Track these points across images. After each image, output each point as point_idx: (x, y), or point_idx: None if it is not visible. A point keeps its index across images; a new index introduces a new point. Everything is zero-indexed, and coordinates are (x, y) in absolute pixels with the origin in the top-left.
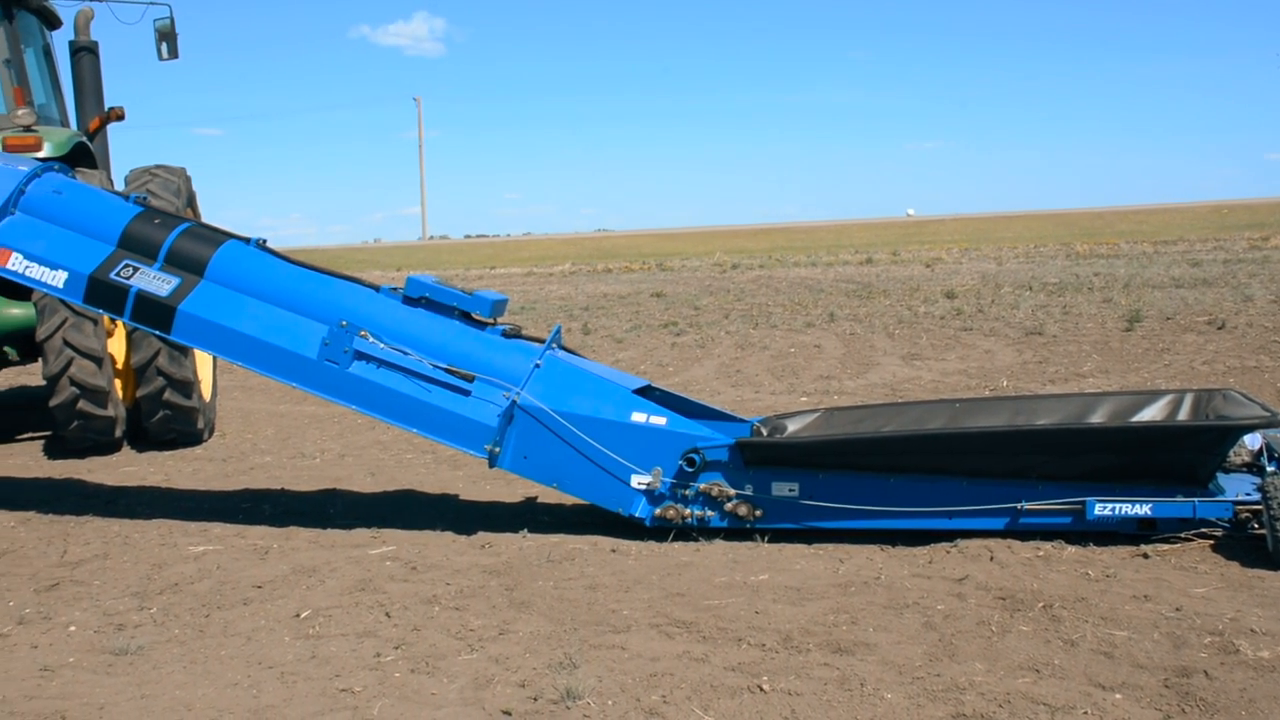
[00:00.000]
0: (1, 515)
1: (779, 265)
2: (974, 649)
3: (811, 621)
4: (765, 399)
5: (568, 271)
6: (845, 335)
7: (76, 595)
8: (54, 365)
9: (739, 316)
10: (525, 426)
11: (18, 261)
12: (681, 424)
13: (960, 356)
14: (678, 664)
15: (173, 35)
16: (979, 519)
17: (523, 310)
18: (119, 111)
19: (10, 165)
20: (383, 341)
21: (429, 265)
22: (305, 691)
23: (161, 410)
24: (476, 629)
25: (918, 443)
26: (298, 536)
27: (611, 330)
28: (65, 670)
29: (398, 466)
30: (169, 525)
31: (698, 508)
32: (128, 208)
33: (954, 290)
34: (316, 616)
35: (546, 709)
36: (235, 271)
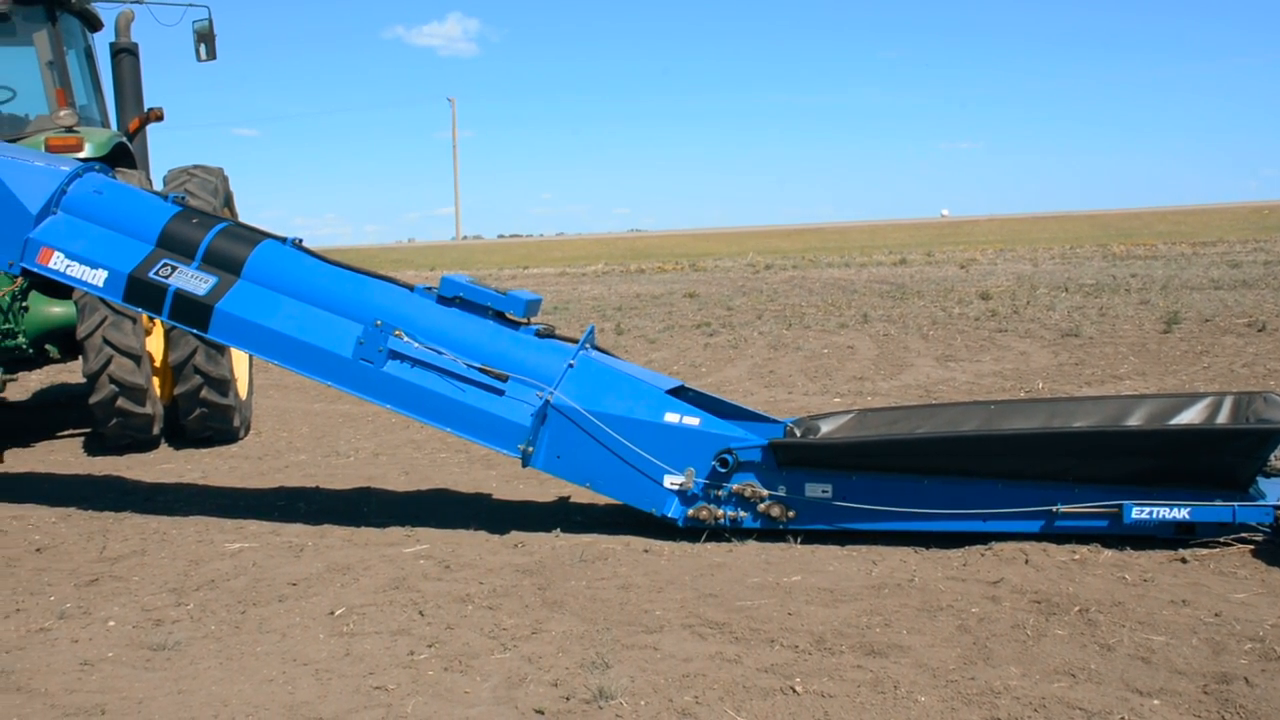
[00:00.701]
0: (43, 511)
1: (812, 266)
2: (1009, 653)
3: (844, 623)
4: (798, 400)
5: (601, 271)
6: (879, 336)
7: (115, 591)
8: (94, 363)
9: (772, 317)
10: (558, 426)
11: (59, 260)
12: (715, 424)
13: (995, 358)
14: (710, 665)
15: (211, 37)
16: (1014, 522)
17: (556, 310)
18: (158, 112)
19: (53, 165)
20: (417, 341)
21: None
22: (339, 688)
23: (199, 408)
24: (509, 628)
25: (952, 444)
26: (332, 534)
27: (644, 330)
28: (105, 665)
29: (431, 465)
30: (206, 522)
31: (731, 508)
32: (166, 207)
33: (989, 291)
34: (351, 614)
35: (579, 708)
36: (271, 271)
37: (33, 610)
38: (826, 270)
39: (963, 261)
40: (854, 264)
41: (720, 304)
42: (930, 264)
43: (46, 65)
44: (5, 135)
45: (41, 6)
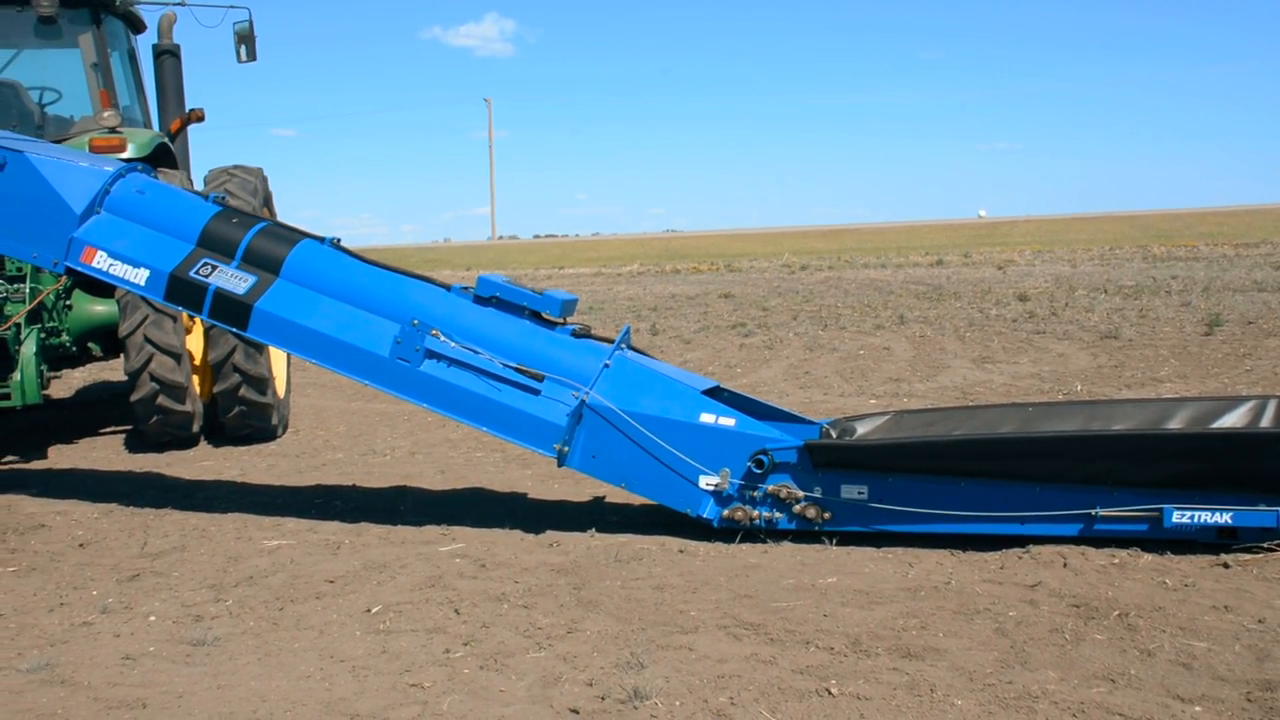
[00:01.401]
0: (86, 507)
1: (848, 267)
2: (1047, 657)
3: (880, 625)
4: (834, 401)
5: (636, 272)
6: (915, 337)
7: (156, 586)
8: (135, 361)
9: (807, 318)
10: (594, 426)
11: (103, 259)
12: (750, 425)
13: (1033, 360)
14: (745, 666)
15: (251, 38)
16: (1052, 525)
17: (591, 310)
18: (199, 113)
19: (97, 166)
20: (454, 340)
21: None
22: (376, 685)
23: (237, 406)
24: (544, 627)
25: (989, 446)
26: (369, 532)
27: (679, 331)
28: (146, 659)
29: (467, 464)
30: (244, 519)
31: (766, 509)
32: (207, 207)
33: (1026, 293)
34: (387, 612)
35: (614, 708)
36: (310, 270)
37: (76, 604)
38: (862, 271)
39: (1000, 262)
40: (890, 265)
41: (756, 304)
42: (967, 265)
43: (91, 67)
44: (51, 136)
45: (87, 9)
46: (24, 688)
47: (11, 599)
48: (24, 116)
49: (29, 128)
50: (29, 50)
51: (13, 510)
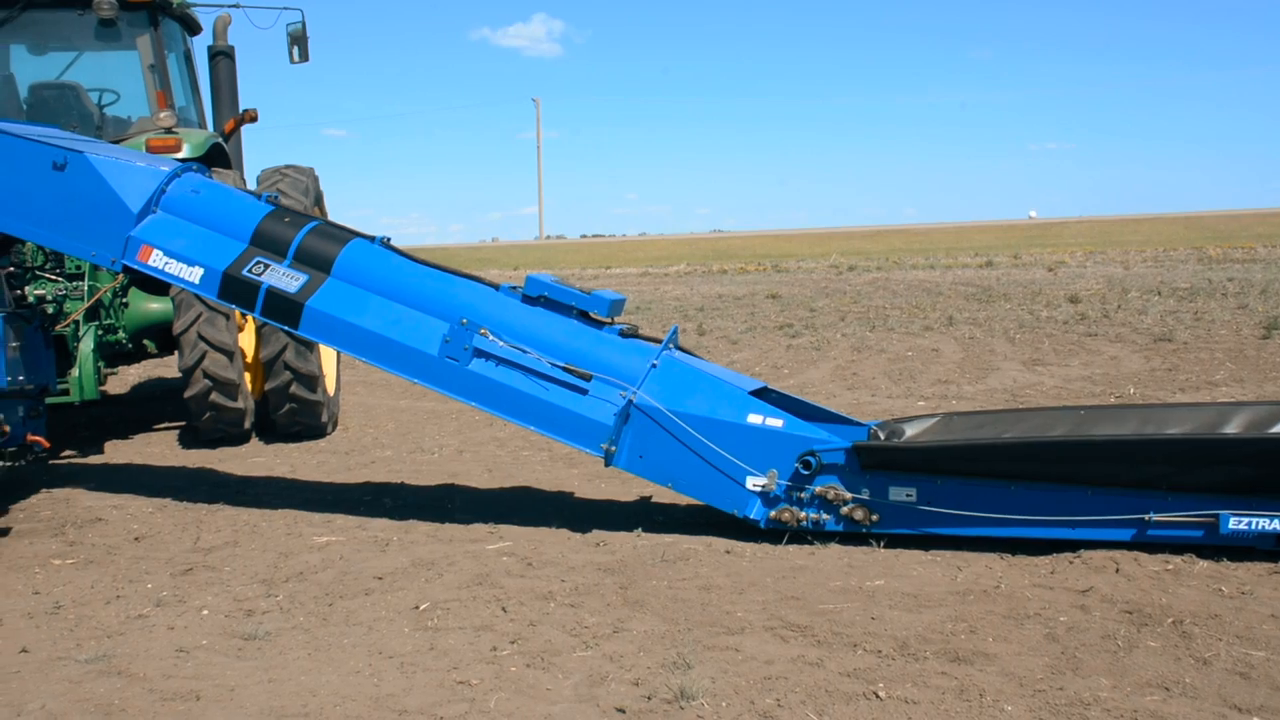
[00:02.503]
0: (141, 501)
1: (896, 267)
2: (1099, 663)
3: (929, 629)
4: (881, 403)
5: (683, 272)
6: (964, 339)
7: (209, 580)
8: (189, 358)
9: (855, 319)
10: (641, 426)
11: (158, 258)
12: (798, 426)
13: (1084, 363)
14: (792, 668)
15: (304, 39)
16: (1104, 530)
17: (638, 310)
18: (253, 113)
19: (153, 166)
20: (502, 339)
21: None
22: (424, 682)
23: (288, 403)
24: (591, 626)
25: (1040, 450)
26: (417, 530)
27: (726, 331)
28: (199, 652)
29: (514, 463)
30: (294, 515)
31: (813, 511)
32: (260, 206)
33: (1078, 294)
34: (435, 609)
35: (660, 708)
36: (360, 269)
37: (131, 597)
38: (911, 272)
39: (1051, 264)
40: (939, 266)
41: (803, 305)
42: (1017, 266)
43: (148, 69)
44: (109, 137)
45: (145, 12)
46: (82, 677)
47: (70, 591)
48: (84, 117)
49: (88, 128)
50: (89, 52)
51: (71, 504)
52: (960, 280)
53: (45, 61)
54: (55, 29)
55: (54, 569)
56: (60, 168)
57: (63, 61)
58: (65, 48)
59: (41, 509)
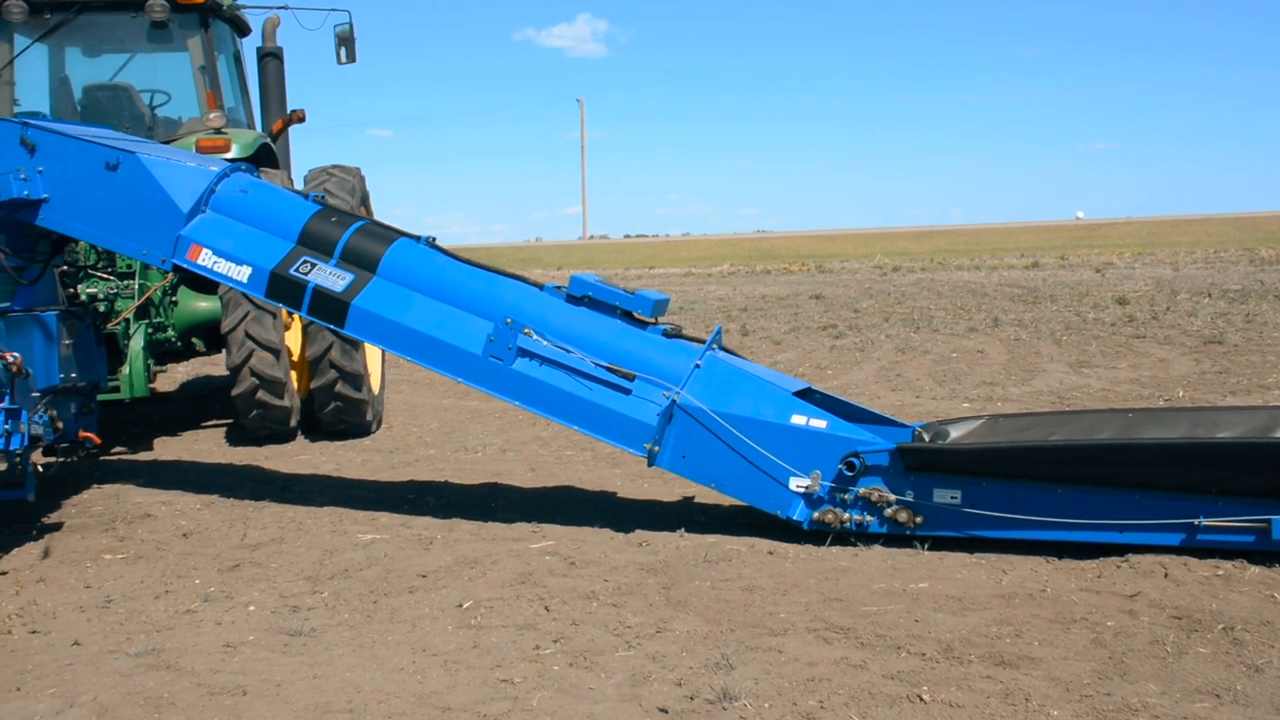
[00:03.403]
0: (189, 498)
1: (941, 268)
2: (1147, 669)
3: (973, 632)
4: (926, 404)
5: (726, 272)
6: (1010, 341)
7: (255, 577)
8: (236, 356)
9: (899, 320)
10: (684, 426)
11: (207, 257)
12: (842, 427)
13: (1132, 365)
14: (835, 670)
15: (351, 40)
16: (1152, 534)
17: (681, 311)
18: (300, 114)
19: (203, 166)
20: (546, 339)
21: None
22: (467, 680)
23: (333, 402)
24: (634, 626)
25: (1088, 453)
26: (460, 528)
27: (770, 332)
28: (245, 647)
29: (557, 463)
30: (339, 513)
31: (856, 512)
32: (307, 206)
33: (1126, 296)
34: (478, 607)
35: (703, 708)
36: (406, 268)
37: (180, 592)
38: (956, 273)
39: (1098, 265)
40: (984, 267)
41: (847, 306)
42: (1064, 267)
43: (199, 70)
44: (160, 137)
45: (196, 14)
46: (133, 671)
47: (121, 585)
48: (135, 118)
49: (140, 129)
50: (141, 54)
51: (121, 499)
52: (1006, 281)
53: (99, 63)
54: (109, 31)
55: (105, 563)
56: (113, 168)
57: (115, 63)
58: (118, 50)
59: (93, 504)
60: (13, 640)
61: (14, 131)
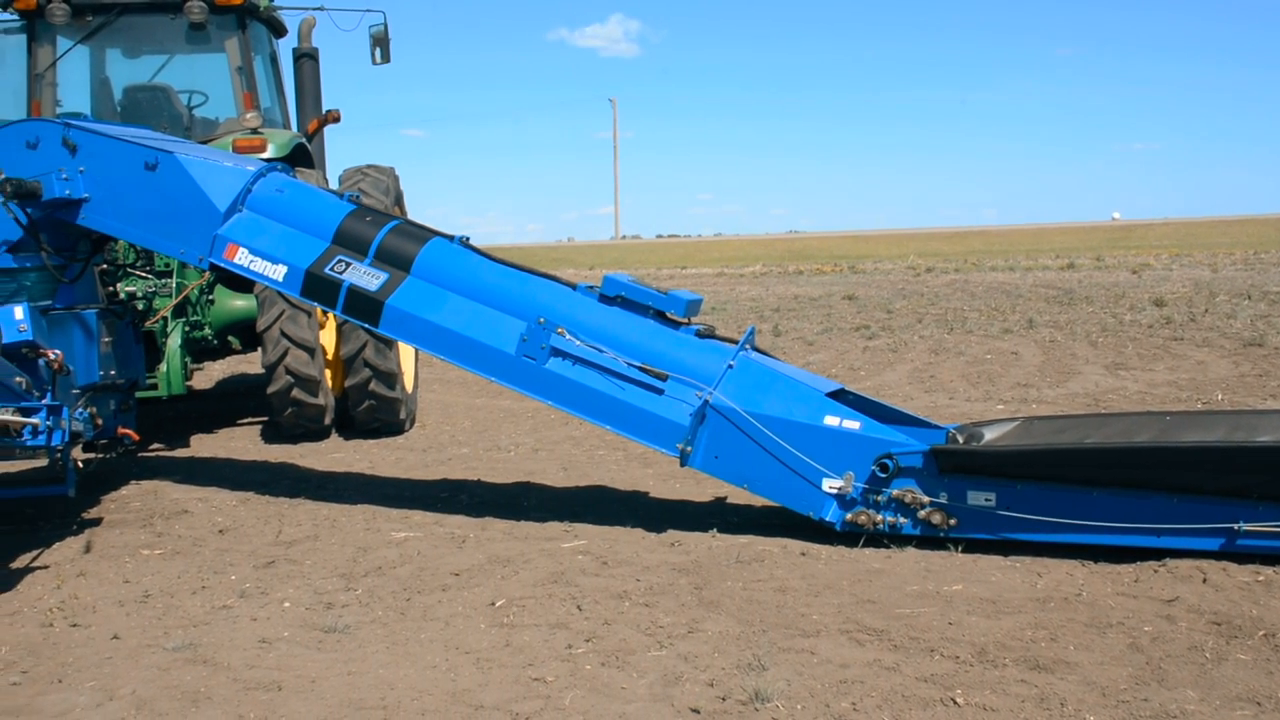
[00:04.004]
0: (224, 494)
1: (975, 269)
2: (1186, 675)
3: (1008, 635)
4: (960, 406)
5: (758, 273)
6: (1045, 342)
7: (290, 573)
8: (272, 354)
9: (933, 321)
10: (717, 426)
11: (244, 256)
12: (875, 429)
13: (1170, 367)
14: (868, 672)
15: (386, 41)
16: (1190, 538)
17: (713, 311)
18: (336, 114)
19: (240, 166)
20: (579, 339)
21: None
22: (500, 678)
23: (367, 400)
24: (666, 626)
25: (1125, 456)
26: (493, 527)
27: (802, 332)
28: (280, 643)
29: (589, 462)
30: (373, 511)
31: (890, 514)
32: (342, 205)
33: (1163, 298)
34: (511, 606)
35: (735, 709)
36: (440, 268)
37: (216, 588)
38: (990, 274)
39: (1135, 266)
40: (1019, 268)
41: (880, 307)
42: (1100, 269)
43: (236, 70)
44: (197, 137)
45: (233, 15)
46: (170, 665)
47: (158, 580)
48: (173, 118)
49: (178, 129)
50: (179, 55)
51: (159, 496)
52: (1041, 282)
53: (138, 64)
54: (148, 33)
55: (143, 559)
56: (152, 168)
57: (154, 64)
58: (157, 51)
59: (131, 500)
60: (54, 633)
61: (56, 132)
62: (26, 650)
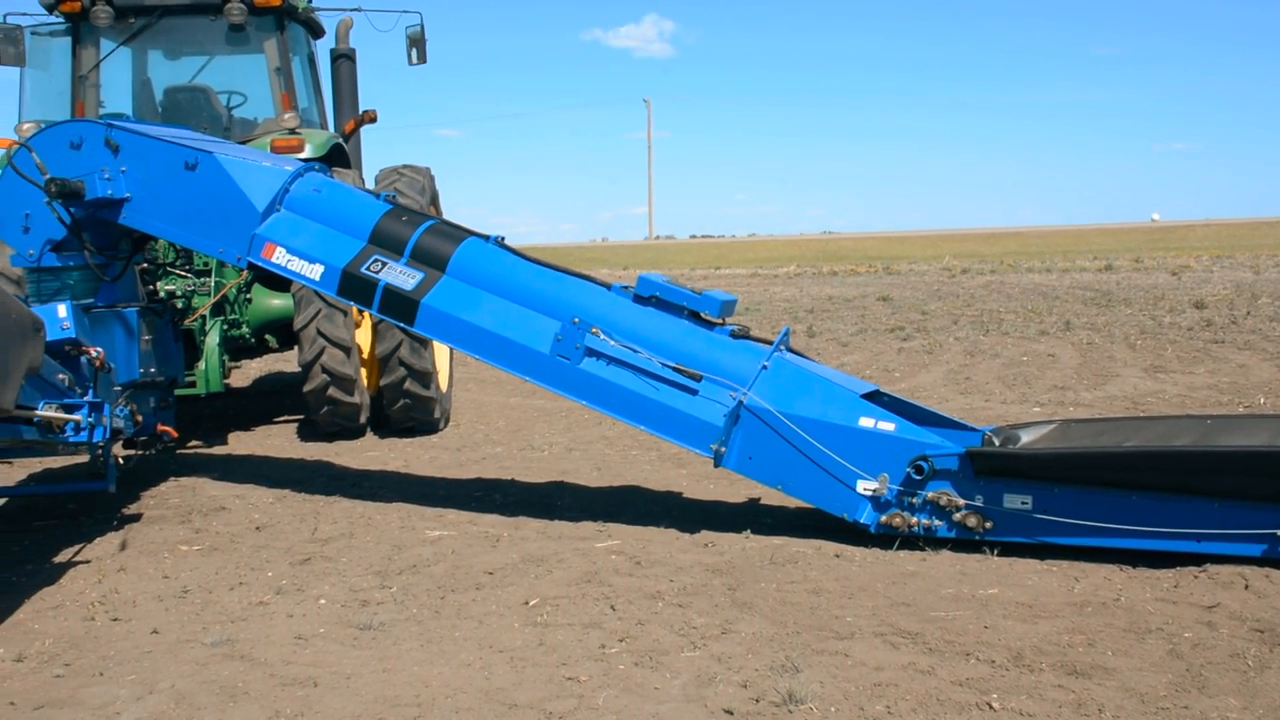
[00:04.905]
0: (261, 491)
1: (1011, 270)
2: (1227, 683)
3: (1044, 640)
4: (995, 408)
5: (793, 273)
6: (1082, 344)
7: (325, 571)
8: (308, 353)
9: (968, 322)
10: (751, 427)
11: (281, 255)
12: (910, 430)
13: (1210, 370)
14: (903, 675)
15: (422, 41)
16: (1231, 544)
17: (747, 311)
18: (372, 114)
19: (278, 166)
20: (613, 339)
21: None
22: (534, 677)
23: (402, 399)
24: (699, 627)
25: (1165, 459)
26: (527, 526)
27: (837, 333)
28: (316, 640)
29: (623, 462)
30: (408, 509)
31: (925, 516)
32: (378, 205)
33: (1204, 300)
34: (544, 605)
35: (768, 711)
36: (475, 267)
37: (253, 584)
38: (1026, 275)
39: (1175, 268)
40: (1056, 269)
41: (915, 308)
42: (1139, 270)
43: (274, 71)
44: (236, 137)
45: (272, 17)
46: (208, 660)
47: (197, 576)
48: (213, 119)
49: (217, 129)
50: (219, 56)
51: (197, 493)
52: (1078, 284)
53: (179, 66)
54: (189, 34)
55: (181, 555)
56: (191, 168)
57: (195, 65)
58: (197, 52)
59: (170, 497)
60: (95, 627)
61: (99, 133)
62: (69, 643)
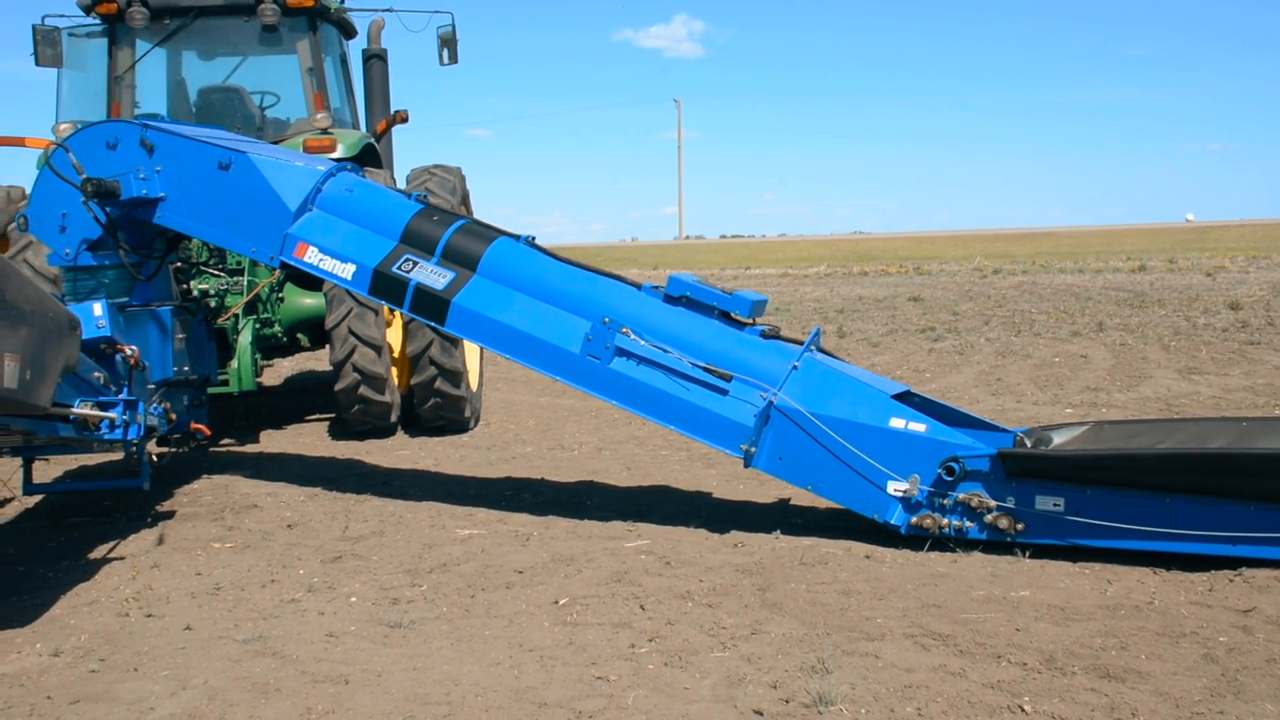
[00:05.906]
0: (293, 490)
1: (1043, 271)
2: (1264, 688)
3: (1077, 643)
4: (1027, 409)
5: (823, 273)
6: (1115, 346)
7: (356, 569)
8: (339, 352)
9: (1000, 323)
10: (781, 428)
11: (314, 255)
12: (941, 431)
13: (1245, 372)
14: (933, 677)
15: (454, 41)
16: (1268, 548)
17: (777, 312)
18: (404, 114)
19: (310, 165)
20: (644, 339)
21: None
22: (563, 676)
23: (433, 398)
24: (729, 627)
25: (1199, 462)
26: (556, 525)
27: (867, 334)
28: (347, 638)
29: (653, 462)
30: (438, 508)
31: (956, 518)
32: (409, 205)
33: (1239, 301)
34: (574, 604)
35: (798, 712)
36: (505, 267)
37: (285, 582)
38: (1058, 276)
39: (1209, 269)
40: (1088, 270)
41: (945, 308)
42: (1172, 271)
43: (307, 72)
44: (269, 137)
45: (305, 18)
46: (241, 657)
47: (229, 574)
48: (246, 119)
49: (250, 129)
50: (252, 57)
51: (229, 490)
52: (1111, 285)
53: (213, 66)
54: (222, 35)
55: (214, 552)
56: (225, 167)
57: (228, 66)
58: (231, 53)
59: (203, 494)
60: (130, 623)
61: (135, 133)
62: (104, 639)
